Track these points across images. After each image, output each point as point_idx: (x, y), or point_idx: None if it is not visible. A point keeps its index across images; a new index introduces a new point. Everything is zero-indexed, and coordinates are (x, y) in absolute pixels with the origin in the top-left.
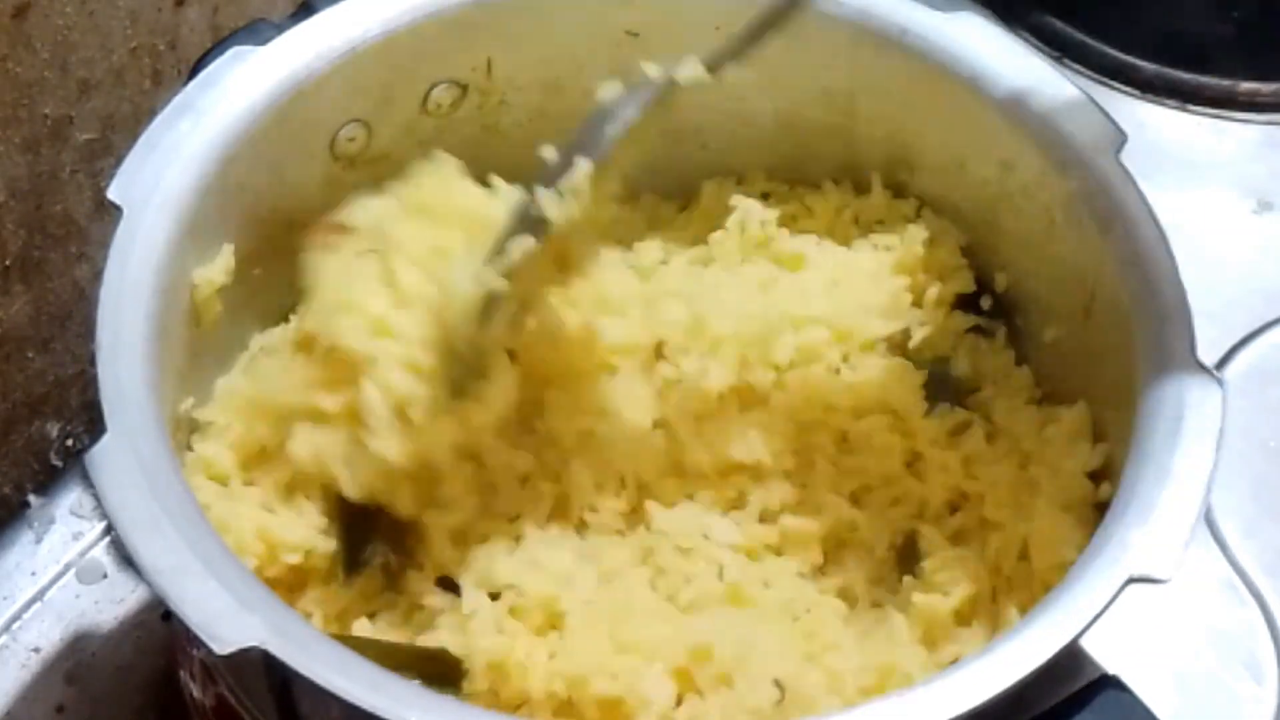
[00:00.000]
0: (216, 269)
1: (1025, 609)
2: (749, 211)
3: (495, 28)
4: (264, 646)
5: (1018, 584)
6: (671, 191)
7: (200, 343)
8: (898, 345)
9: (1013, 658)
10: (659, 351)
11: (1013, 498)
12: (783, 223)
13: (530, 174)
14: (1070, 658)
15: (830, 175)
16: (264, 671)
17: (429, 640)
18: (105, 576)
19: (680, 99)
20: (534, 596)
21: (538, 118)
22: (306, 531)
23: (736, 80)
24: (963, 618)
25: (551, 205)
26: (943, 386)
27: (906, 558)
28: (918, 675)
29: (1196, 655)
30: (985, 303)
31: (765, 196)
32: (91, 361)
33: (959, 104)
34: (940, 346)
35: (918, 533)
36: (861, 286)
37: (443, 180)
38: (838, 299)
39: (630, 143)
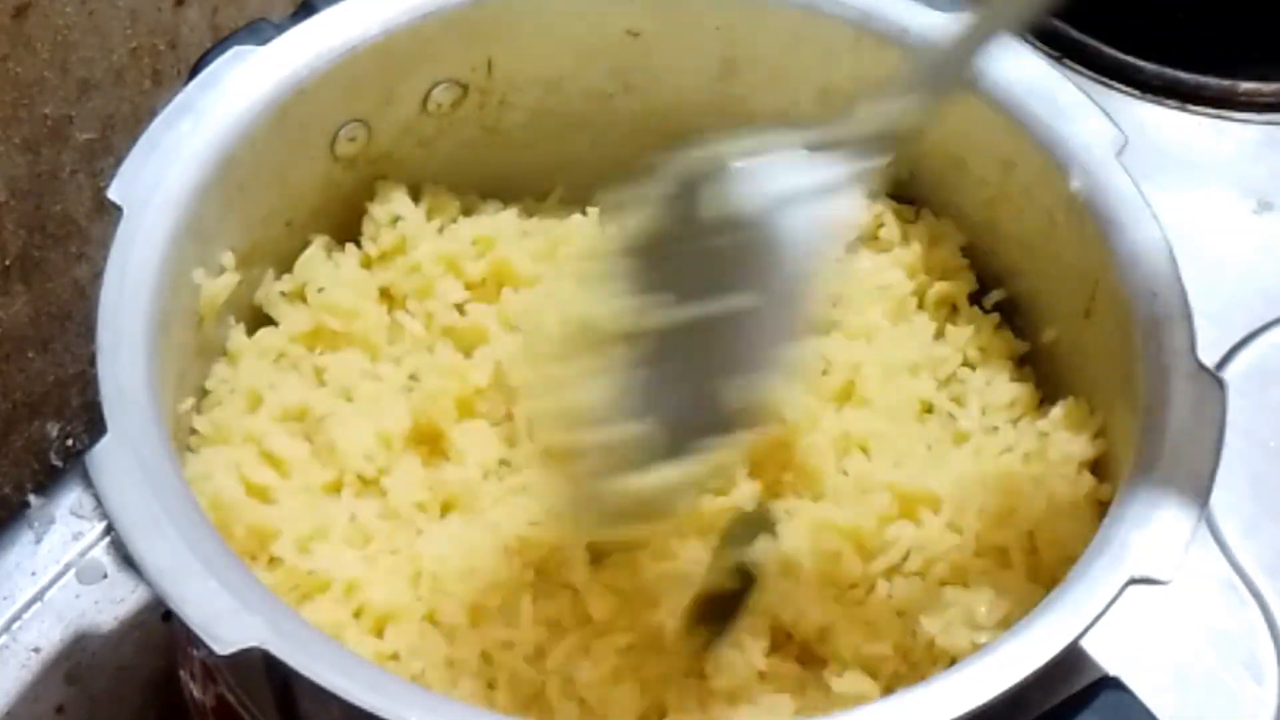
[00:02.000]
0: (222, 283)
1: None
2: None
3: (495, 28)
4: (264, 647)
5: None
6: None
7: (201, 343)
8: None
9: (1013, 658)
10: None
11: (1018, 493)
12: None
13: (528, 175)
14: (1071, 658)
15: None
16: (265, 672)
17: None
18: (105, 576)
19: (681, 101)
20: None
21: (538, 118)
22: None
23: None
24: None
25: None
26: None
27: None
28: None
29: (1196, 655)
30: (988, 303)
31: None
32: (91, 361)
33: (959, 104)
34: None
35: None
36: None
37: None
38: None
39: None
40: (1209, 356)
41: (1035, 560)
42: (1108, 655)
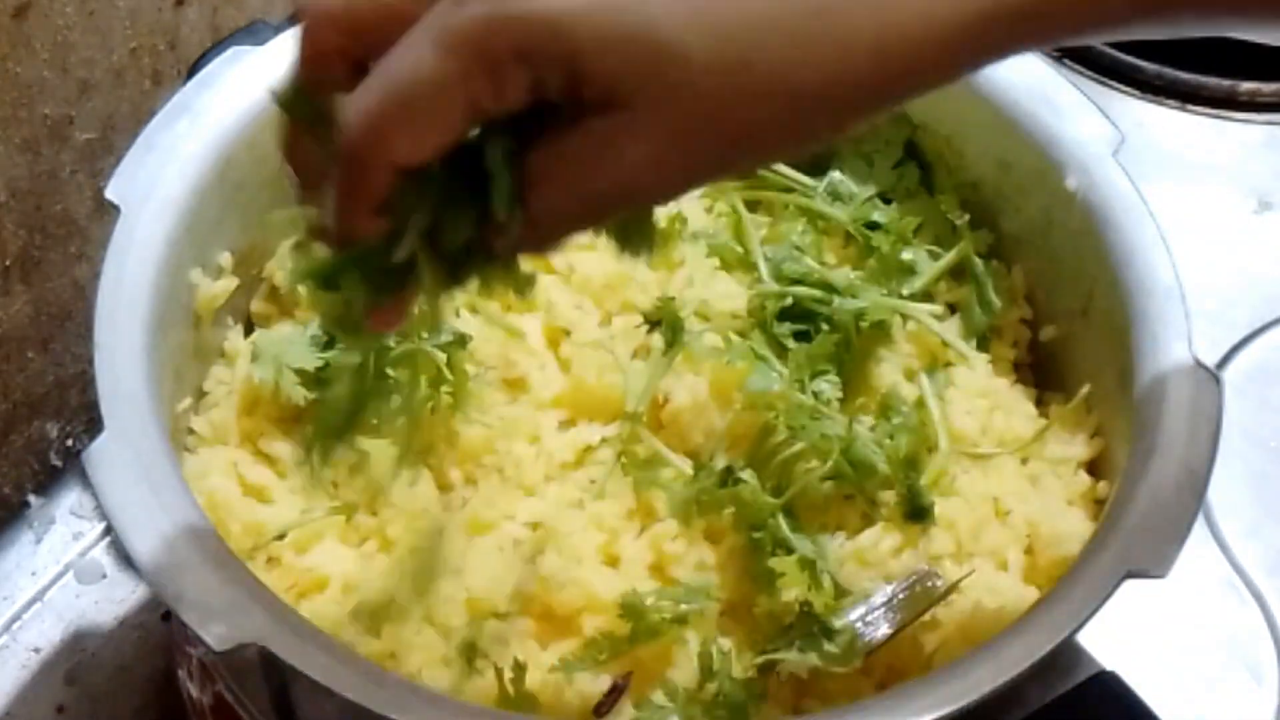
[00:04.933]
0: (220, 286)
1: None
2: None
3: None
4: (261, 643)
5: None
6: None
7: (198, 343)
8: None
9: (1010, 652)
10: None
11: (1016, 492)
12: None
13: None
14: (1068, 653)
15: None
16: (261, 669)
17: None
18: (105, 576)
19: None
20: None
21: None
22: None
23: None
24: None
25: None
26: None
27: None
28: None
29: (1196, 655)
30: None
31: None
32: (91, 361)
33: (957, 104)
34: None
35: None
36: None
37: None
38: None
39: None
40: (1209, 356)
41: (1032, 561)
42: (1108, 654)
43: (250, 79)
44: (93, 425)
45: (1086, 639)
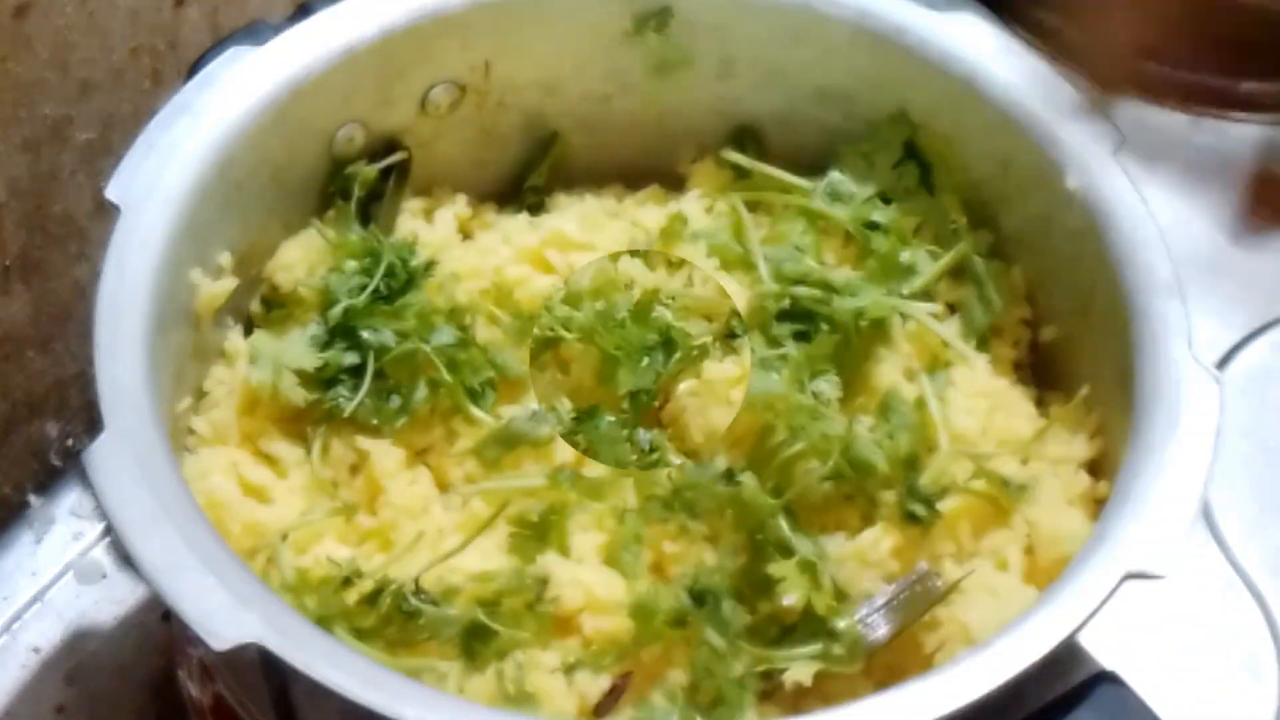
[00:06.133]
0: (219, 286)
1: None
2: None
3: (493, 29)
4: (261, 643)
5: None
6: (668, 190)
7: (198, 343)
8: None
9: (1010, 652)
10: None
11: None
12: None
13: (525, 177)
14: (1068, 653)
15: None
16: (261, 668)
17: None
18: (105, 576)
19: (679, 101)
20: None
21: (536, 119)
22: None
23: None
24: None
25: None
26: None
27: None
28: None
29: (1196, 654)
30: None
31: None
32: (91, 361)
33: (957, 103)
34: None
35: None
36: None
37: None
38: None
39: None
40: (1209, 356)
41: (1032, 561)
42: (1107, 653)
43: (250, 79)
44: (93, 425)
45: (1086, 639)
